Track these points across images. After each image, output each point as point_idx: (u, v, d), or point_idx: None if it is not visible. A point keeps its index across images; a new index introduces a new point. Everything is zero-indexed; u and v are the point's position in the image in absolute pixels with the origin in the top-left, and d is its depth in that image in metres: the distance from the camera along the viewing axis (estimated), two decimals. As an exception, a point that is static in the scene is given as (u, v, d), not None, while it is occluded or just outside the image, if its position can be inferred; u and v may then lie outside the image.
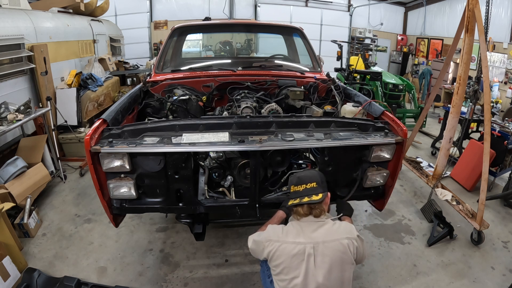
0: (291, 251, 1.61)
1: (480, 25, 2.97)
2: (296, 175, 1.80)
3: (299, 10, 10.92)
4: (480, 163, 3.10)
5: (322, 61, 3.72)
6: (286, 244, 1.63)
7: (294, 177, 1.78)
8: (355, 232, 1.69)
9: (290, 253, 1.61)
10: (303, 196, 1.68)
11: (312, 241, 1.61)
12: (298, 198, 1.70)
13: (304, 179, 1.73)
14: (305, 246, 1.60)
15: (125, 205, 2.11)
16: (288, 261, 1.61)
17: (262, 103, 2.83)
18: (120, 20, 9.37)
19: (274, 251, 1.64)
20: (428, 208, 3.47)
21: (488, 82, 3.01)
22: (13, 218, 3.01)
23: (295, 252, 1.60)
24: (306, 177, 1.74)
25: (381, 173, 2.20)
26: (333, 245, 1.61)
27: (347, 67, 6.37)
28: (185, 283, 2.56)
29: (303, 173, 1.81)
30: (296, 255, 1.60)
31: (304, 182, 1.72)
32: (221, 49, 7.51)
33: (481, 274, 2.71)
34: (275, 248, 1.64)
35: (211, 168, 2.28)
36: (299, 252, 1.60)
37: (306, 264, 1.58)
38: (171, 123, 2.04)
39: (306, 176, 1.75)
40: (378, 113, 2.40)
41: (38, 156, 3.74)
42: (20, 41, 4.01)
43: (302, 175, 1.77)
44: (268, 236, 1.70)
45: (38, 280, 2.45)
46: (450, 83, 8.46)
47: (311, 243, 1.61)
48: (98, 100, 5.39)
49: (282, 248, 1.63)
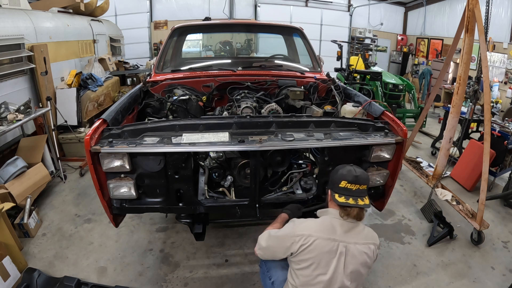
0: (324, 247, 1.59)
1: (480, 25, 2.97)
2: (352, 170, 1.68)
3: (299, 10, 10.92)
4: (480, 163, 3.10)
5: (322, 61, 3.72)
6: (321, 240, 1.60)
7: (349, 173, 1.66)
8: (378, 239, 1.74)
9: (322, 249, 1.59)
10: (356, 197, 1.63)
11: (345, 240, 1.61)
12: (350, 197, 1.63)
13: (360, 179, 1.65)
14: (339, 244, 1.60)
15: (125, 205, 2.11)
16: (319, 257, 1.59)
17: (262, 103, 2.82)
18: (120, 20, 9.37)
19: (307, 245, 1.59)
20: (428, 208, 3.47)
21: (488, 82, 3.01)
22: (13, 218, 3.01)
23: (327, 249, 1.59)
24: (362, 178, 1.65)
25: (381, 173, 2.21)
26: (362, 248, 1.63)
27: (347, 67, 6.36)
28: (185, 283, 2.56)
29: (360, 171, 1.68)
30: (329, 252, 1.59)
31: (359, 182, 1.65)
32: (221, 49, 7.51)
33: (481, 274, 2.71)
34: (309, 242, 1.60)
35: (211, 168, 2.29)
36: (332, 249, 1.59)
37: (336, 262, 1.59)
38: (171, 123, 2.04)
39: (362, 176, 1.66)
40: (378, 113, 2.40)
41: (38, 156, 3.74)
42: (20, 41, 4.01)
43: (359, 174, 1.66)
44: (299, 230, 1.64)
45: (38, 280, 2.45)
46: (450, 83, 8.46)
47: (344, 243, 1.61)
48: (98, 100, 5.39)
49: (316, 243, 1.59)
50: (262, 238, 1.78)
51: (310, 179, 2.40)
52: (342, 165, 1.74)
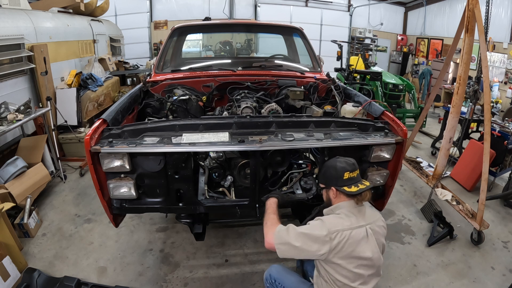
0: (359, 235, 1.64)
1: (480, 25, 2.97)
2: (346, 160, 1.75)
3: (299, 10, 10.92)
4: (480, 163, 3.10)
5: (322, 61, 3.72)
6: (356, 230, 1.64)
7: (346, 164, 1.73)
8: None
9: (358, 238, 1.64)
10: (360, 182, 1.72)
11: (368, 222, 1.70)
12: (358, 183, 1.71)
13: (356, 164, 1.75)
14: (366, 228, 1.68)
15: (125, 205, 2.11)
16: (358, 247, 1.63)
17: (262, 103, 2.82)
18: (120, 20, 9.37)
19: (345, 239, 1.59)
20: (428, 208, 3.47)
21: (488, 82, 3.01)
22: (13, 218, 3.01)
23: (361, 236, 1.65)
24: (349, 166, 1.73)
25: (381, 173, 2.21)
26: (379, 224, 1.74)
27: (347, 67, 6.36)
28: (185, 283, 2.56)
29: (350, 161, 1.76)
30: (363, 238, 1.65)
31: (356, 167, 1.74)
32: (221, 49, 7.51)
33: (481, 274, 2.71)
34: (346, 237, 1.60)
35: (211, 168, 2.28)
36: (364, 235, 1.66)
37: (372, 244, 1.67)
38: (171, 123, 2.04)
39: (349, 165, 1.74)
40: (378, 113, 2.40)
41: (38, 156, 3.74)
42: (20, 41, 4.01)
43: (352, 161, 1.76)
44: (333, 226, 1.61)
45: (38, 280, 2.45)
46: (450, 83, 8.46)
47: (369, 224, 1.69)
48: (98, 100, 5.39)
49: (352, 235, 1.62)
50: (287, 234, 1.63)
51: (310, 179, 2.40)
52: (331, 160, 1.80)
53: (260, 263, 2.76)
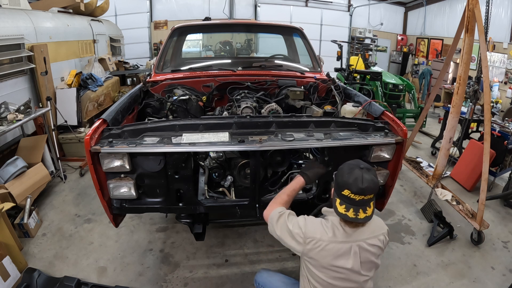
0: (338, 250, 1.55)
1: (480, 25, 2.97)
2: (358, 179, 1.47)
3: (299, 10, 10.92)
4: (480, 163, 3.10)
5: (322, 61, 3.72)
6: (334, 244, 1.55)
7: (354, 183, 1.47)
8: (385, 226, 1.69)
9: (337, 252, 1.55)
10: (358, 208, 1.49)
11: (357, 239, 1.57)
12: (351, 208, 1.49)
13: (367, 190, 1.47)
14: (352, 245, 1.56)
15: (125, 205, 2.11)
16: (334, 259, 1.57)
17: (262, 103, 2.82)
18: (120, 20, 9.37)
19: (319, 249, 1.55)
20: (428, 208, 3.47)
21: (488, 82, 3.01)
22: (13, 218, 3.01)
23: (342, 251, 1.55)
24: (369, 188, 1.47)
25: (381, 173, 2.20)
26: (373, 242, 1.60)
27: (347, 67, 6.36)
28: (185, 283, 2.56)
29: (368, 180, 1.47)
30: (343, 254, 1.56)
31: (365, 193, 1.47)
32: (221, 49, 7.51)
33: (481, 274, 2.71)
34: (320, 247, 1.55)
35: (211, 168, 2.28)
36: (346, 251, 1.56)
37: (353, 260, 1.56)
38: (171, 123, 2.04)
39: (370, 187, 1.47)
40: (378, 113, 2.40)
41: (38, 156, 3.74)
42: (20, 41, 4.01)
43: (366, 185, 1.46)
44: (310, 232, 1.57)
45: (38, 280, 2.45)
46: (450, 83, 8.46)
47: (356, 242, 1.57)
48: (98, 100, 5.39)
49: (329, 247, 1.55)
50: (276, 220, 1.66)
51: None
52: (351, 165, 1.54)
53: (260, 263, 2.76)
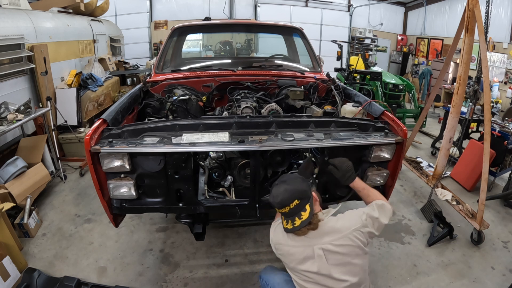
0: (300, 254, 1.59)
1: (480, 25, 2.97)
2: (274, 195, 1.60)
3: (299, 10, 10.92)
4: (480, 163, 3.10)
5: (322, 61, 3.71)
6: (296, 248, 1.61)
7: (273, 199, 1.60)
8: (360, 220, 1.63)
9: (299, 256, 1.60)
10: (293, 217, 1.56)
11: (319, 242, 1.58)
12: (289, 220, 1.57)
13: (283, 202, 1.56)
14: (313, 248, 1.58)
15: (125, 205, 2.11)
16: (299, 263, 1.61)
17: (262, 103, 2.82)
18: (120, 20, 9.37)
19: (285, 254, 1.65)
20: (428, 208, 3.47)
21: (488, 82, 3.01)
22: (13, 218, 3.01)
23: (304, 255, 1.59)
24: (284, 199, 1.56)
25: (381, 173, 2.20)
26: (341, 242, 1.57)
27: (347, 67, 6.36)
28: (185, 283, 2.56)
29: (279, 194, 1.58)
30: (305, 258, 1.59)
31: (284, 205, 1.56)
32: (221, 49, 7.51)
33: (481, 274, 2.71)
34: (284, 252, 1.65)
35: (211, 168, 2.28)
36: (308, 255, 1.59)
37: (318, 263, 1.57)
38: (171, 123, 2.04)
39: (284, 198, 1.56)
40: (378, 113, 2.40)
41: (38, 156, 3.74)
42: (20, 41, 4.01)
43: (279, 199, 1.57)
44: (275, 238, 1.71)
45: (38, 280, 2.45)
46: (450, 83, 8.46)
47: (319, 245, 1.57)
48: (98, 100, 5.39)
49: (292, 252, 1.62)
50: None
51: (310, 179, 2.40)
52: (274, 185, 1.67)
53: (260, 263, 2.76)
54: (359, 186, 1.90)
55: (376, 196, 1.83)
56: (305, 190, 1.61)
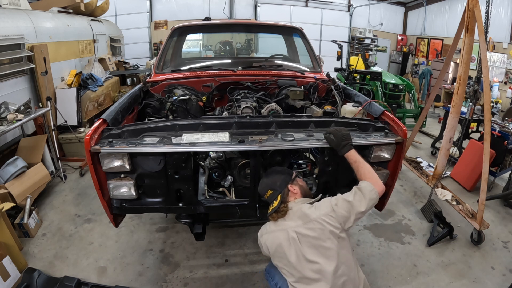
0: (278, 238, 1.76)
1: (480, 25, 2.97)
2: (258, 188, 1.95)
3: (299, 10, 10.93)
4: (480, 163, 3.10)
5: (322, 61, 3.71)
6: (274, 234, 1.80)
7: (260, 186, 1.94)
8: (330, 205, 1.72)
9: (277, 241, 1.75)
10: (271, 204, 1.85)
11: (292, 225, 1.74)
12: (270, 206, 1.86)
13: (261, 191, 1.91)
14: (288, 231, 1.74)
15: (125, 205, 2.11)
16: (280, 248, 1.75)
17: (262, 103, 2.82)
18: (120, 20, 9.37)
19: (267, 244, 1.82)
20: (428, 208, 3.47)
21: (488, 82, 3.01)
22: (13, 218, 3.02)
23: (282, 238, 1.75)
24: (261, 189, 1.91)
25: (381, 173, 2.20)
26: (311, 225, 1.70)
27: (347, 67, 6.37)
28: (185, 283, 2.56)
29: (260, 185, 1.93)
30: (284, 241, 1.74)
31: (262, 193, 1.89)
32: (221, 49, 7.51)
33: (481, 274, 2.71)
34: (266, 240, 1.84)
35: (211, 168, 2.28)
36: (285, 237, 1.74)
37: (294, 246, 1.71)
38: (171, 123, 2.04)
39: (261, 188, 1.90)
40: (378, 113, 2.40)
41: (38, 156, 3.74)
42: (20, 41, 4.01)
43: (259, 188, 1.93)
44: (260, 234, 1.93)
45: (38, 280, 2.45)
46: (450, 83, 8.46)
47: (292, 228, 1.74)
48: (98, 100, 5.39)
49: (272, 237, 1.80)
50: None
51: (310, 179, 2.40)
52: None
53: (260, 263, 2.75)
54: (352, 158, 1.84)
55: (365, 173, 1.78)
56: (277, 183, 1.86)
